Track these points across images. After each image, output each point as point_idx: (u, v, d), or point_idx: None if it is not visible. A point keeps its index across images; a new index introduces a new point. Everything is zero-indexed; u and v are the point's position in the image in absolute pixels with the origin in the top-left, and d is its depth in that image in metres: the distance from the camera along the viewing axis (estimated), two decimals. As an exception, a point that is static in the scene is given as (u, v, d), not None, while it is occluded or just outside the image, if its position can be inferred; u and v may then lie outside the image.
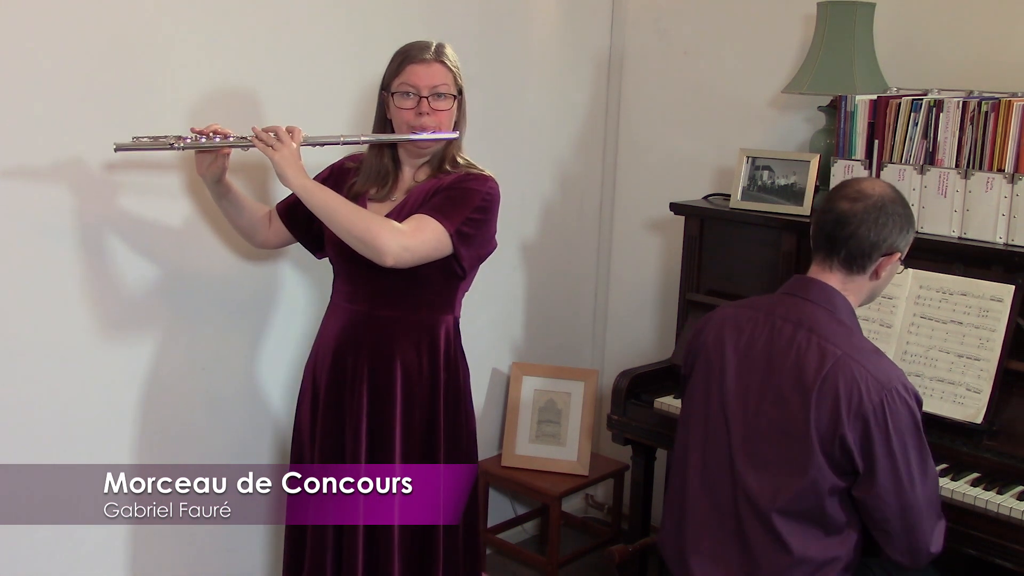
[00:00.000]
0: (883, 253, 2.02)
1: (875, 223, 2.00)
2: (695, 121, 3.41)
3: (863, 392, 1.89)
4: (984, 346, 2.36)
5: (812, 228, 2.11)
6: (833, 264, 2.04)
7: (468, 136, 3.15)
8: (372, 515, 2.31)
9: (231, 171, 2.29)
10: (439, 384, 2.35)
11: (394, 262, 2.14)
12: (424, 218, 2.19)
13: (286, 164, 2.13)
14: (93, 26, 2.27)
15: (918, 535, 1.94)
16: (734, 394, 2.06)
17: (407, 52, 2.28)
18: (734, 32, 3.29)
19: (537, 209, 3.47)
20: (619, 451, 3.27)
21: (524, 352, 3.52)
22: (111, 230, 2.38)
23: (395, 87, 2.26)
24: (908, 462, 1.91)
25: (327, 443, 2.32)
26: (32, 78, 2.20)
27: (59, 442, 2.34)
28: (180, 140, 2.17)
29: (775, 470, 1.98)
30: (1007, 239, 2.45)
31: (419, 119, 2.25)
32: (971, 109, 2.47)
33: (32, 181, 2.23)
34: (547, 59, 3.38)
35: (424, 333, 2.32)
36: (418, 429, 2.32)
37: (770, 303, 2.10)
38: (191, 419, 2.59)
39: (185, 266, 2.53)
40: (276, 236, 2.44)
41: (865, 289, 2.07)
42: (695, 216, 2.99)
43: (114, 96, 2.32)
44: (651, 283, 3.58)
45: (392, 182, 2.33)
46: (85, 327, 2.36)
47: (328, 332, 2.36)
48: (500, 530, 3.45)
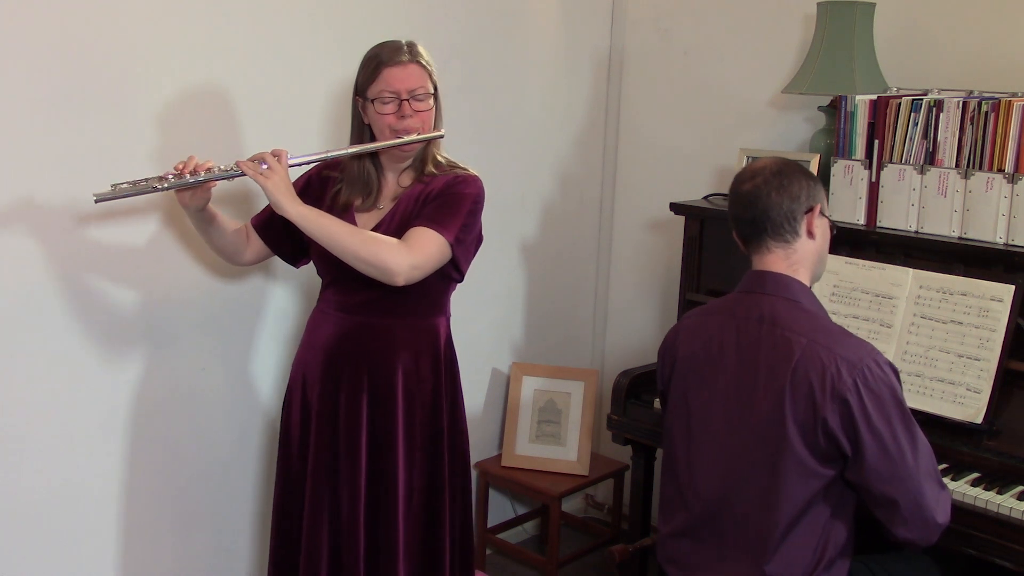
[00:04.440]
0: (804, 210, 2.02)
1: (779, 186, 2.01)
2: (695, 121, 3.41)
3: (835, 375, 1.88)
4: (984, 346, 2.35)
5: (732, 226, 2.11)
6: (767, 243, 2.04)
7: (469, 136, 3.18)
8: (374, 521, 2.31)
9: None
10: (441, 387, 2.36)
11: (405, 281, 2.14)
12: (424, 231, 2.18)
13: (280, 193, 2.11)
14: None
15: (923, 507, 1.91)
16: (715, 407, 2.05)
17: (380, 56, 2.23)
18: (734, 32, 3.29)
19: (537, 209, 3.47)
20: (619, 451, 3.27)
21: (524, 352, 3.52)
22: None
23: (373, 93, 2.23)
24: (895, 436, 1.88)
25: (322, 452, 2.30)
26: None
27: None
28: (162, 181, 2.13)
29: (761, 475, 1.97)
30: (1007, 239, 2.45)
31: (402, 122, 2.23)
32: (971, 109, 2.47)
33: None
34: (547, 59, 3.38)
35: (423, 337, 2.32)
36: (420, 434, 2.33)
37: (731, 304, 2.09)
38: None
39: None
40: (254, 252, 2.41)
41: (809, 255, 2.05)
42: (695, 216, 2.99)
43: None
44: (651, 283, 3.58)
45: (377, 190, 2.31)
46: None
47: (317, 341, 2.34)
48: (500, 530, 3.45)
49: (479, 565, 3.36)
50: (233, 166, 2.16)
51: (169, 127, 2.41)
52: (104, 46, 2.29)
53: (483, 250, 3.28)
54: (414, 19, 2.95)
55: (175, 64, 2.41)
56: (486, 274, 3.35)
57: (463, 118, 3.15)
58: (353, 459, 2.28)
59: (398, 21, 2.90)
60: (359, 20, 2.78)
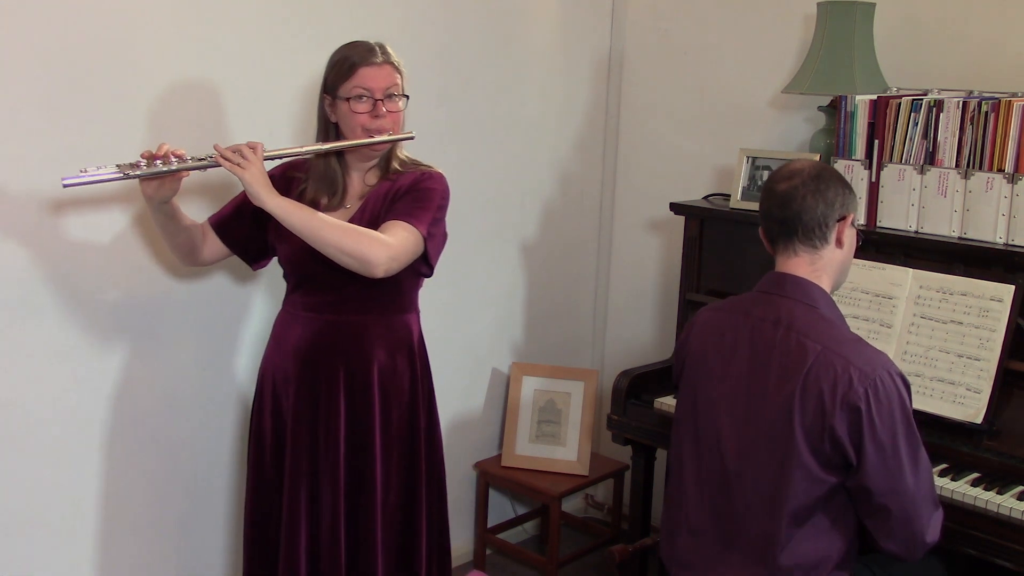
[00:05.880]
0: (837, 218, 2.01)
1: (816, 190, 1.99)
2: (695, 121, 3.41)
3: (847, 383, 1.87)
4: (984, 346, 2.35)
5: (762, 224, 2.09)
6: (795, 246, 2.02)
7: (469, 136, 3.18)
8: (355, 521, 2.31)
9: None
10: (417, 383, 2.36)
11: (384, 273, 2.14)
12: (399, 224, 2.19)
13: (258, 184, 2.09)
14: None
15: (913, 525, 1.92)
16: (723, 405, 2.05)
17: (352, 55, 2.24)
18: (734, 32, 3.29)
19: (537, 209, 3.47)
20: (619, 451, 3.27)
21: (524, 352, 3.52)
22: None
23: (347, 92, 2.23)
24: (898, 451, 1.88)
25: (299, 455, 2.29)
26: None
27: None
28: (134, 167, 2.07)
29: (766, 478, 1.97)
30: (1007, 239, 2.45)
31: (375, 122, 2.24)
32: (971, 109, 2.47)
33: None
34: (547, 59, 3.38)
35: (397, 333, 2.33)
36: (396, 431, 2.33)
37: (749, 303, 2.08)
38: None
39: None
40: (211, 252, 2.37)
41: (835, 263, 2.04)
42: (695, 216, 2.99)
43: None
44: (651, 283, 3.58)
45: (343, 189, 2.31)
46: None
47: (286, 343, 2.32)
48: (500, 530, 3.45)
49: (479, 565, 3.36)
50: (207, 156, 2.13)
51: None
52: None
53: (483, 250, 3.32)
54: (414, 19, 2.95)
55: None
56: (486, 274, 3.35)
57: (463, 118, 3.15)
58: (333, 458, 2.28)
59: (398, 21, 2.91)
60: (359, 20, 2.78)
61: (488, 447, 3.46)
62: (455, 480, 3.36)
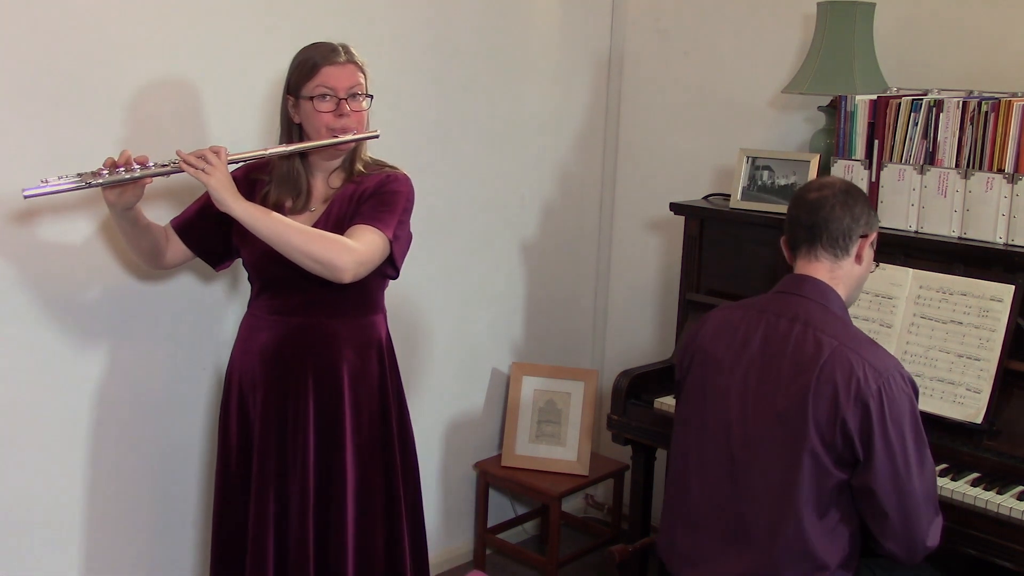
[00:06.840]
0: (861, 233, 2.08)
1: (844, 203, 2.07)
2: (695, 121, 3.41)
3: (861, 379, 1.91)
4: (984, 346, 2.36)
5: (788, 228, 2.14)
6: (818, 252, 2.08)
7: (469, 136, 3.18)
8: (325, 522, 2.30)
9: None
10: (387, 383, 2.36)
11: (352, 278, 2.14)
12: (365, 228, 2.18)
13: (223, 190, 2.07)
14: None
15: (914, 527, 1.94)
16: (732, 395, 2.06)
17: (315, 55, 2.22)
18: (734, 32, 3.29)
19: (537, 209, 3.47)
20: (619, 451, 3.27)
21: (524, 352, 3.52)
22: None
23: (310, 91, 2.21)
24: (905, 450, 1.91)
25: (266, 458, 2.28)
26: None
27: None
28: (96, 176, 2.05)
29: (775, 469, 1.98)
30: (1007, 239, 2.45)
31: (339, 121, 2.22)
32: (971, 109, 2.47)
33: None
34: (547, 59, 3.38)
35: (365, 334, 2.32)
36: (368, 432, 2.32)
37: (765, 302, 2.12)
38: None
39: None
40: (174, 255, 2.35)
41: (853, 276, 2.10)
42: (695, 216, 2.99)
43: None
44: (651, 283, 3.58)
45: (307, 191, 2.30)
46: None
47: (253, 346, 2.31)
48: (500, 530, 3.45)
49: (479, 565, 3.36)
50: (171, 162, 2.11)
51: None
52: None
53: (483, 250, 3.32)
54: (414, 19, 2.95)
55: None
56: (486, 274, 3.35)
57: (464, 118, 3.15)
58: (302, 461, 2.27)
59: (398, 21, 2.91)
60: (359, 20, 2.78)
61: (488, 447, 3.46)
62: (455, 480, 3.37)
